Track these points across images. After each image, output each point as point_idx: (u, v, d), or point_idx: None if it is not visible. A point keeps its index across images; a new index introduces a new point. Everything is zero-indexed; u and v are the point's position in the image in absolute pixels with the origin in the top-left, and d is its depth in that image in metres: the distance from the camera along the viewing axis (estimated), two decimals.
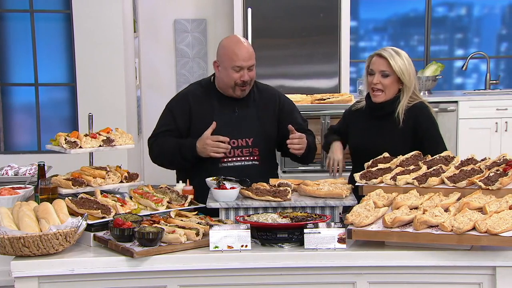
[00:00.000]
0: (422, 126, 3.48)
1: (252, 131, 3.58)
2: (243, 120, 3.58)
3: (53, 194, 3.06)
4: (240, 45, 3.50)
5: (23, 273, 2.63)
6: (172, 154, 3.55)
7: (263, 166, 3.59)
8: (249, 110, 3.61)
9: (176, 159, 3.55)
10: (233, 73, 3.48)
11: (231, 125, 3.55)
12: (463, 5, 7.62)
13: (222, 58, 3.53)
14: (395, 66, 3.43)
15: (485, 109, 6.59)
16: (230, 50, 3.49)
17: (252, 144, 3.57)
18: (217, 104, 3.59)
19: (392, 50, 3.49)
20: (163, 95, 7.47)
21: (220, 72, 3.55)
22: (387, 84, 3.47)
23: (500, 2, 7.59)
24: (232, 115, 3.58)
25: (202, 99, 3.61)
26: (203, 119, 3.54)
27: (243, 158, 3.56)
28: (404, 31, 7.59)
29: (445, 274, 2.70)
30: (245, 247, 2.70)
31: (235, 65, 3.47)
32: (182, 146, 3.51)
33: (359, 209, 2.81)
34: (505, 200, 2.76)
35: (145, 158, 7.45)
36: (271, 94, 3.72)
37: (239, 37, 3.60)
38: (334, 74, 6.82)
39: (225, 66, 3.50)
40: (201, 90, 3.65)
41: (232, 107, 3.59)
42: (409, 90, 3.47)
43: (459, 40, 7.68)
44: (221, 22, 7.34)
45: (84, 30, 6.26)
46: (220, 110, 3.57)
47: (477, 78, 7.66)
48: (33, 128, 6.69)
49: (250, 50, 3.52)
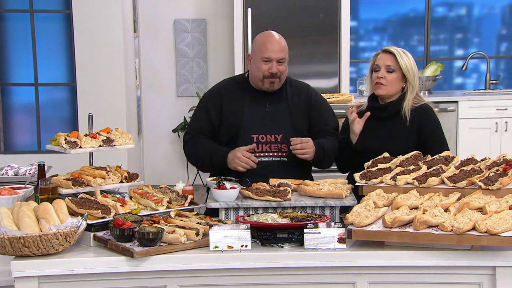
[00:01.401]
0: (426, 128, 3.48)
1: (282, 127, 3.55)
2: (273, 115, 3.57)
3: (53, 194, 3.06)
4: (271, 38, 3.52)
5: (23, 273, 2.63)
6: (203, 159, 3.56)
7: (292, 163, 3.52)
8: (281, 106, 3.59)
9: (207, 164, 3.57)
10: (262, 65, 3.49)
11: (261, 120, 3.55)
12: (463, 5, 7.62)
13: (254, 51, 3.56)
14: (401, 62, 3.46)
15: (485, 109, 6.60)
16: (261, 43, 3.52)
17: (281, 140, 3.54)
18: (249, 99, 3.59)
19: (399, 49, 3.52)
20: (163, 95, 7.48)
21: (252, 65, 3.57)
22: (390, 80, 3.48)
23: (500, 2, 7.59)
24: (262, 110, 3.57)
25: (234, 94, 3.61)
26: (234, 114, 3.55)
27: (271, 154, 3.53)
28: (404, 31, 7.59)
29: (445, 274, 2.70)
30: (245, 247, 2.70)
31: (264, 56, 3.48)
32: (214, 155, 3.51)
33: (359, 209, 2.81)
34: (505, 200, 2.76)
35: (145, 158, 7.46)
36: (303, 89, 3.69)
37: (273, 32, 3.60)
38: (334, 74, 6.82)
39: (255, 58, 3.53)
40: (235, 85, 3.67)
41: (264, 102, 3.58)
42: (413, 88, 3.49)
43: (459, 40, 7.68)
44: (221, 22, 7.34)
45: (84, 30, 6.27)
46: (251, 105, 3.57)
47: (477, 78, 7.66)
48: (33, 128, 6.69)
49: (282, 43, 3.52)
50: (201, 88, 7.38)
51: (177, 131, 7.34)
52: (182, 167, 7.51)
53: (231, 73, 6.95)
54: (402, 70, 3.47)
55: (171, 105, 7.46)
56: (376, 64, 3.52)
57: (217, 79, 7.35)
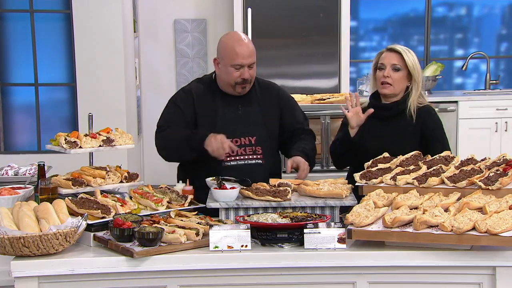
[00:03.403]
0: (429, 128, 3.49)
1: (255, 129, 3.54)
2: (246, 118, 3.54)
3: (53, 194, 3.06)
4: (240, 43, 3.44)
5: (23, 273, 2.63)
6: (179, 142, 3.46)
7: (267, 164, 3.55)
8: (252, 108, 3.56)
9: (183, 148, 3.45)
10: (233, 71, 3.43)
11: (234, 123, 3.52)
12: (463, 5, 7.62)
13: (222, 56, 3.48)
14: (408, 60, 3.45)
15: (485, 109, 6.60)
16: (230, 48, 3.43)
17: (255, 142, 3.53)
18: (221, 102, 3.54)
19: (403, 47, 3.50)
20: (163, 95, 7.44)
21: (220, 69, 3.50)
22: (396, 78, 3.46)
23: (500, 2, 7.59)
24: (235, 113, 3.54)
25: (205, 97, 3.55)
26: (207, 117, 3.51)
27: (246, 157, 3.52)
28: (404, 31, 7.59)
29: (445, 274, 2.70)
30: (245, 247, 2.70)
31: (235, 63, 3.41)
32: (192, 136, 3.44)
33: (359, 209, 2.81)
34: (505, 200, 2.76)
35: (145, 158, 7.46)
36: (273, 90, 3.67)
37: (240, 33, 3.53)
38: (334, 74, 6.82)
39: (225, 63, 3.45)
40: (203, 87, 3.59)
41: (236, 105, 3.55)
42: (418, 87, 3.49)
43: (459, 40, 7.68)
44: (221, 22, 7.34)
45: (84, 30, 6.26)
46: (223, 108, 3.53)
47: (477, 78, 7.66)
48: (33, 128, 6.69)
49: (250, 47, 3.45)
50: None
51: None
52: None
53: None
54: (408, 68, 3.46)
55: None
56: (381, 63, 3.50)
57: None
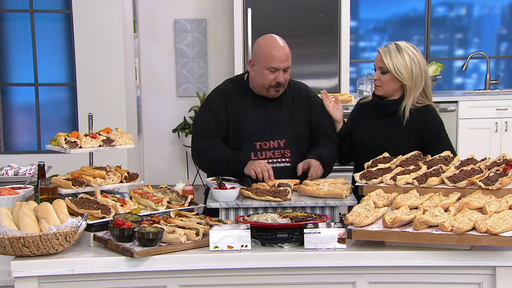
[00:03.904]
0: (430, 129, 3.44)
1: (284, 132, 3.52)
2: (275, 121, 3.52)
3: (53, 194, 3.06)
4: (277, 46, 3.44)
5: (23, 273, 2.63)
6: (218, 162, 3.42)
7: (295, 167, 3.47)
8: (282, 111, 3.55)
9: (221, 168, 3.39)
10: (268, 74, 3.42)
11: (264, 126, 3.50)
12: (463, 5, 7.62)
13: (258, 58, 3.46)
14: (389, 64, 3.37)
15: (485, 109, 6.60)
16: (267, 51, 3.43)
17: (284, 145, 3.51)
18: (251, 104, 3.53)
19: (394, 47, 3.40)
20: (163, 95, 7.48)
21: (255, 71, 3.49)
22: (384, 81, 3.44)
23: (500, 2, 7.59)
24: (265, 116, 3.52)
25: (236, 98, 3.54)
26: (238, 119, 3.49)
27: (275, 160, 3.49)
28: (404, 31, 7.59)
29: (445, 274, 2.70)
30: (245, 247, 2.70)
31: (271, 66, 3.40)
32: (233, 159, 3.40)
33: (359, 209, 2.81)
34: (505, 200, 2.76)
35: (145, 158, 7.46)
36: (302, 91, 3.64)
37: (277, 37, 3.51)
38: (334, 74, 6.83)
39: (260, 66, 3.44)
40: (235, 88, 3.58)
41: (266, 108, 3.53)
42: (412, 89, 3.40)
43: (459, 40, 7.69)
44: (221, 22, 7.34)
45: (84, 30, 6.27)
46: (253, 111, 3.52)
47: (477, 78, 7.66)
48: (33, 128, 6.69)
49: (287, 51, 3.45)
50: (201, 88, 7.38)
51: (177, 131, 7.34)
52: (182, 167, 7.51)
53: (231, 73, 6.94)
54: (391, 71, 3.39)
55: (171, 105, 7.46)
56: (374, 64, 3.51)
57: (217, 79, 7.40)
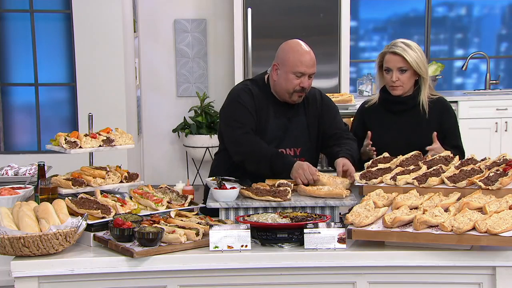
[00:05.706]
0: (448, 121, 3.56)
1: (301, 141, 3.50)
2: (294, 129, 3.49)
3: (53, 194, 3.06)
4: (305, 51, 3.40)
5: (23, 273, 2.63)
6: (261, 158, 3.34)
7: None
8: (300, 118, 3.52)
9: (263, 166, 3.34)
10: (293, 79, 3.38)
11: (283, 133, 3.48)
12: (463, 5, 7.62)
13: (283, 62, 3.41)
14: (411, 60, 3.45)
15: (485, 109, 6.60)
16: (294, 55, 3.39)
17: (300, 153, 3.49)
18: (272, 110, 3.48)
19: (403, 44, 3.50)
20: (163, 95, 7.48)
21: (279, 75, 3.43)
22: (405, 80, 3.50)
23: (500, 2, 7.59)
24: (285, 123, 3.49)
25: (261, 103, 3.48)
26: (261, 123, 3.45)
27: None
28: (404, 31, 7.59)
29: (445, 274, 2.70)
30: (245, 247, 2.70)
31: (298, 70, 3.37)
32: (277, 158, 3.33)
33: (359, 209, 2.81)
34: (505, 200, 2.76)
35: (145, 158, 7.46)
36: (316, 95, 3.60)
37: (302, 43, 3.47)
38: (334, 74, 6.83)
39: (286, 70, 3.39)
40: (259, 91, 3.51)
41: (286, 115, 3.50)
42: (426, 80, 3.53)
43: (459, 40, 7.69)
44: (221, 22, 7.34)
45: (84, 30, 6.27)
46: (275, 117, 3.48)
47: (477, 78, 7.66)
48: (33, 128, 6.69)
49: (313, 57, 3.42)
50: (201, 88, 7.38)
51: (177, 131, 7.34)
52: (182, 167, 7.51)
53: (231, 73, 6.95)
54: (413, 67, 3.47)
55: (171, 105, 7.46)
56: (386, 66, 3.51)
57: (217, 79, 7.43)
